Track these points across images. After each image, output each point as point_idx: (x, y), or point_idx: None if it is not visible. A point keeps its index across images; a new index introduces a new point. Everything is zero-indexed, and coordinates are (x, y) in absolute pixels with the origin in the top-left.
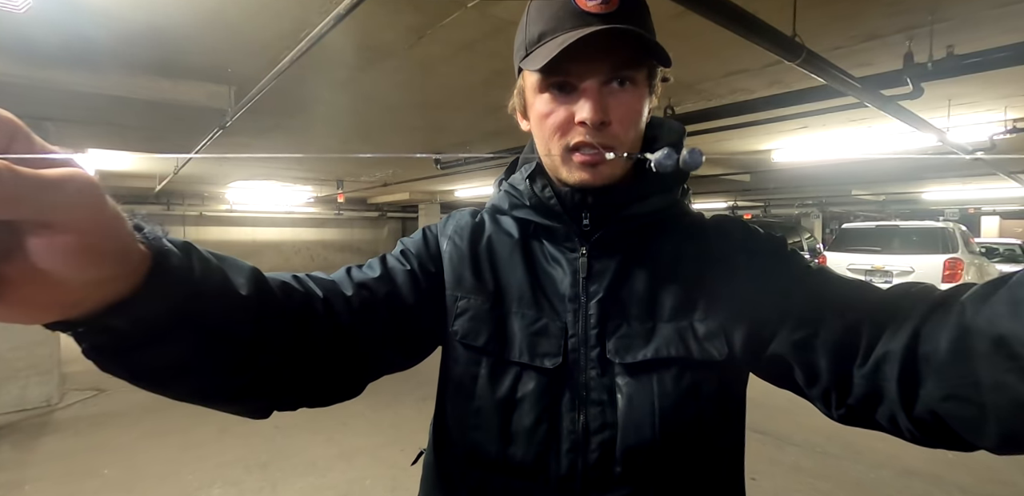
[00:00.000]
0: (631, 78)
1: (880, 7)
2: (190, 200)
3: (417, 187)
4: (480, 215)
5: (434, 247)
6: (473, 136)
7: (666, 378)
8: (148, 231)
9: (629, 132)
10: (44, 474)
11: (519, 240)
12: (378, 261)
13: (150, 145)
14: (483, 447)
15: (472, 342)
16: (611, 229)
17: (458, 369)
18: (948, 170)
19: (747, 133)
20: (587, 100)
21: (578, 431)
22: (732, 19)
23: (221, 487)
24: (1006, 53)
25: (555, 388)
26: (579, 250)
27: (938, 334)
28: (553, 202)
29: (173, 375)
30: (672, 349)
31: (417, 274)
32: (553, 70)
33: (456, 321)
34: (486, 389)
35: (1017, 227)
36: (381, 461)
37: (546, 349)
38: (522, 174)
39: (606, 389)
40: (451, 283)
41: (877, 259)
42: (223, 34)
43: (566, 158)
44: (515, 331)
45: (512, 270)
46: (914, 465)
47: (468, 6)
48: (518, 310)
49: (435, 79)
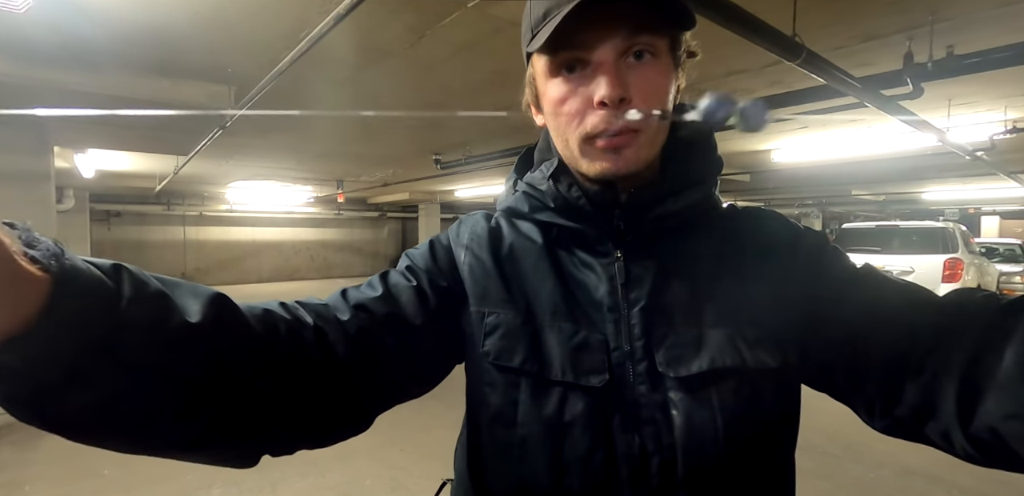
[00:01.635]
0: (651, 49)
1: (880, 7)
2: (190, 200)
3: (417, 187)
4: (496, 219)
5: (446, 259)
6: (473, 136)
7: (724, 391)
8: (42, 248)
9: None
10: (44, 474)
11: (544, 246)
12: (379, 278)
13: (150, 145)
14: (533, 480)
15: (507, 363)
16: (645, 229)
17: (494, 394)
18: (948, 170)
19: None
20: (603, 75)
21: (635, 454)
22: (732, 19)
23: (221, 487)
24: (1006, 53)
25: (605, 409)
26: (613, 254)
27: (1003, 348)
28: (583, 202)
29: (99, 424)
30: (727, 358)
31: (425, 290)
32: (561, 44)
33: (487, 340)
34: (530, 415)
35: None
36: (381, 461)
37: (590, 365)
38: (543, 173)
39: (659, 406)
40: (476, 298)
41: (877, 259)
42: (223, 34)
43: (585, 148)
44: (553, 347)
45: (541, 279)
46: (914, 465)
47: (468, 6)
48: (553, 323)
49: (435, 79)
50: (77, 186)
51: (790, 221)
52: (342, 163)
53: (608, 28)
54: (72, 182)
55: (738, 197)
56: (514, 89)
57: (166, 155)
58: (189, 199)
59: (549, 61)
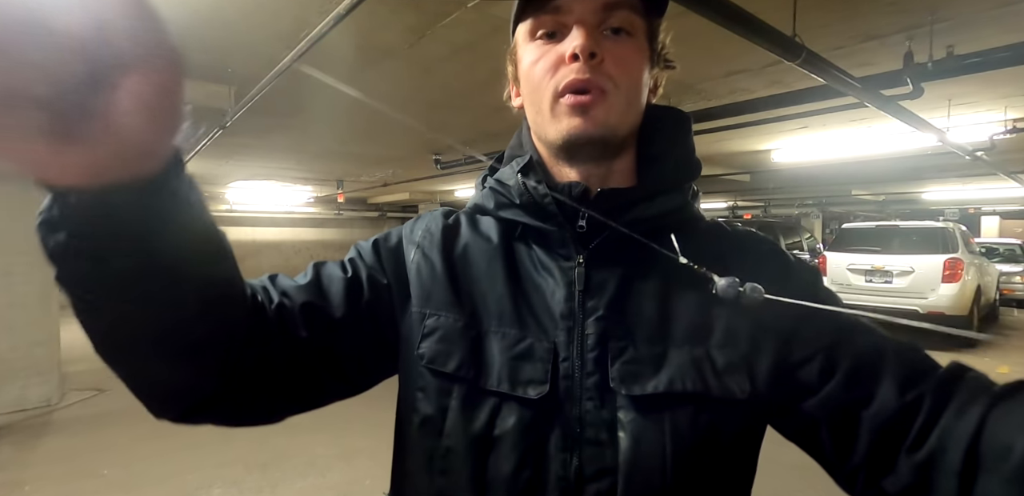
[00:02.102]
0: (628, 28)
1: (880, 7)
2: None
3: (417, 187)
4: (455, 216)
5: (392, 257)
6: (473, 136)
7: (680, 417)
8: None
9: (627, 79)
10: (44, 474)
11: (501, 245)
12: (312, 266)
13: None
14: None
15: (441, 367)
16: (613, 234)
17: (424, 400)
18: (948, 170)
19: (747, 133)
20: (577, 30)
21: (569, 478)
22: (732, 19)
23: (221, 487)
24: (1006, 53)
25: (541, 424)
26: (575, 258)
27: (1010, 432)
28: (548, 200)
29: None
30: (688, 382)
31: (360, 284)
32: (542, 9)
33: (423, 343)
34: (457, 425)
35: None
36: (381, 461)
37: (530, 375)
38: (513, 168)
39: (605, 425)
40: (419, 299)
41: (877, 259)
42: (223, 34)
43: (555, 108)
44: (494, 354)
45: (492, 282)
46: None
47: (468, 6)
48: (498, 329)
49: (435, 79)
50: None
51: (781, 249)
52: (342, 163)
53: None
54: None
55: (738, 197)
56: None
57: None
58: None
59: (530, 25)
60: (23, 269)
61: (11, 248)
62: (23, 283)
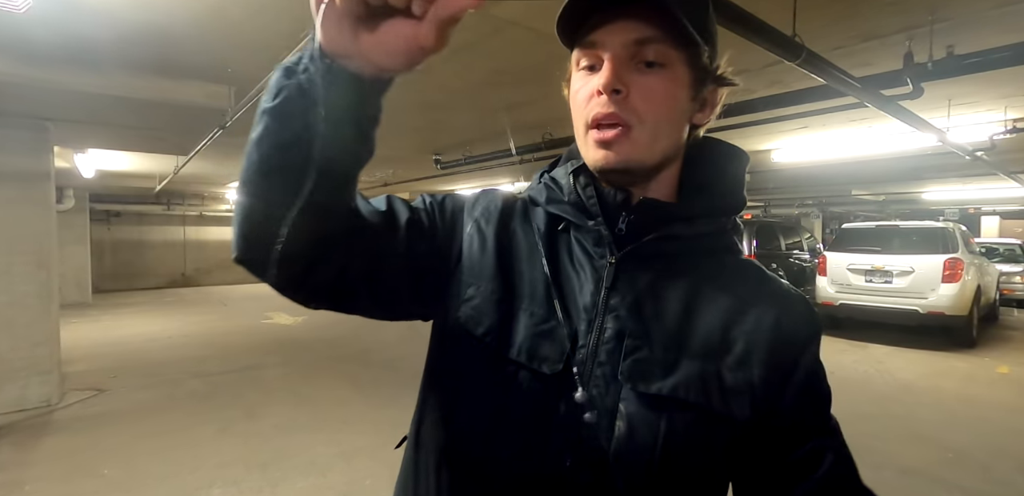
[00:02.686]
0: (661, 59)
1: (880, 7)
2: (190, 200)
3: (417, 187)
4: (513, 202)
5: (451, 220)
6: (473, 136)
7: (678, 420)
8: None
9: (654, 114)
10: (44, 474)
11: (546, 235)
12: (385, 198)
13: (150, 145)
14: (462, 444)
15: (472, 330)
16: (648, 244)
17: (453, 355)
18: (948, 170)
19: (747, 133)
20: (606, 65)
21: (567, 449)
22: (732, 19)
23: (221, 487)
24: (1006, 53)
25: (550, 397)
26: (608, 257)
27: None
28: (592, 201)
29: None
30: (692, 393)
31: (421, 228)
32: (581, 42)
33: (462, 307)
34: (477, 382)
35: (1017, 227)
36: (381, 461)
37: (547, 353)
38: (567, 168)
39: (607, 412)
40: (467, 268)
41: (877, 259)
42: (223, 34)
43: (586, 138)
44: (520, 328)
45: (531, 265)
46: (914, 465)
47: None
48: (528, 307)
49: (435, 79)
50: (77, 186)
51: (811, 309)
52: None
53: (619, 33)
54: (72, 182)
55: None
56: (514, 89)
57: (166, 155)
58: (189, 199)
59: (575, 56)
60: (23, 269)
61: (11, 248)
62: (23, 283)
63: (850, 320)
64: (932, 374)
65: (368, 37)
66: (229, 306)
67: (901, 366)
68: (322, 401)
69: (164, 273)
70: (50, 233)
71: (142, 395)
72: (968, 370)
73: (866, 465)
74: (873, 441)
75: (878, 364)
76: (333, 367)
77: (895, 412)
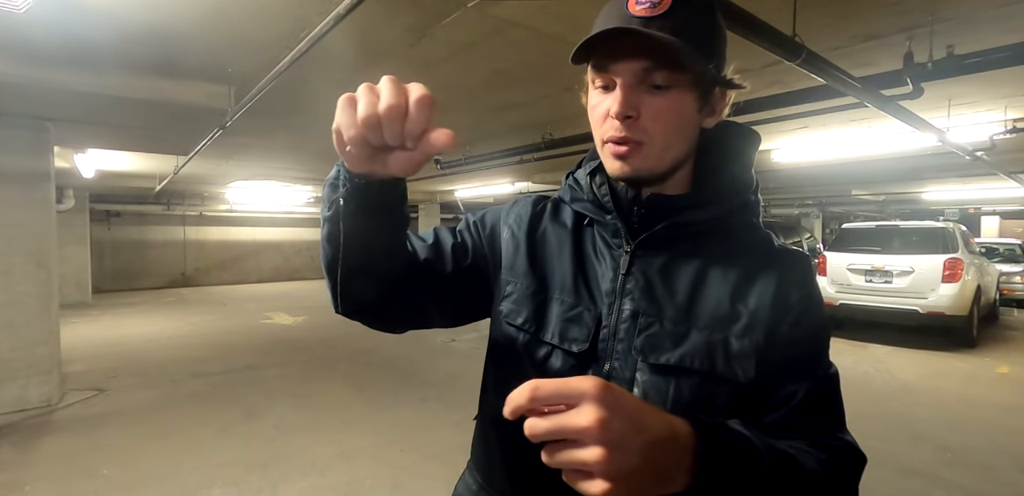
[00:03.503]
0: (670, 82)
1: (880, 7)
2: (190, 200)
3: (417, 187)
4: (543, 204)
5: (491, 233)
6: (473, 136)
7: (683, 385)
8: None
9: (663, 131)
10: (44, 474)
11: (572, 232)
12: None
13: (150, 145)
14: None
15: (512, 321)
16: (659, 231)
17: (501, 342)
18: (948, 170)
19: None
20: (617, 94)
21: None
22: (732, 19)
23: (221, 487)
24: (1006, 53)
25: (579, 371)
26: (624, 247)
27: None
28: (607, 199)
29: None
30: (697, 361)
31: (467, 250)
32: (599, 67)
33: (504, 302)
34: (520, 360)
35: (1017, 227)
36: (381, 461)
37: (575, 335)
38: (585, 170)
39: (626, 382)
40: (505, 269)
41: (877, 259)
42: (223, 34)
43: (604, 150)
44: (553, 315)
45: (560, 260)
46: (914, 465)
47: (468, 6)
48: (559, 297)
49: (435, 79)
50: (77, 186)
51: (815, 280)
52: None
53: (629, 62)
54: (72, 182)
55: None
56: (514, 89)
57: (166, 155)
58: (189, 199)
59: (591, 74)
60: (23, 269)
61: (11, 248)
62: (23, 283)
63: (850, 320)
64: (932, 374)
65: (378, 164)
66: (229, 306)
67: (901, 366)
68: (322, 401)
69: (164, 273)
70: (50, 233)
71: (142, 395)
72: (968, 370)
73: (866, 465)
74: (873, 441)
75: (878, 364)
76: (333, 367)
77: (895, 412)
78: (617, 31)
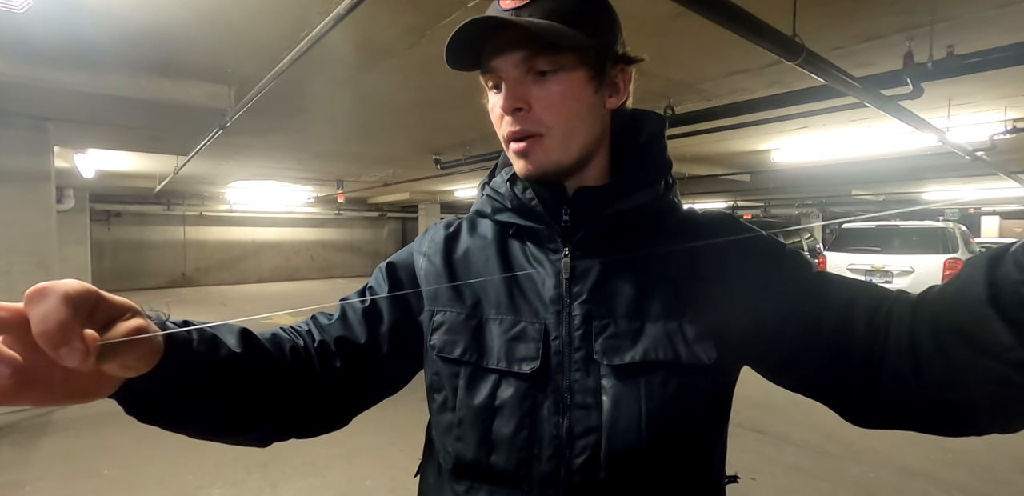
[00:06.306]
0: (554, 66)
1: (880, 7)
2: (190, 200)
3: (417, 187)
4: (456, 224)
5: (406, 271)
6: (473, 136)
7: (653, 382)
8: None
9: (561, 117)
10: (44, 474)
11: (497, 244)
12: (339, 305)
13: (150, 145)
14: (466, 457)
15: (449, 354)
16: (593, 228)
17: (439, 382)
18: (948, 170)
19: (747, 133)
20: (504, 87)
21: (561, 436)
22: (732, 19)
23: (221, 487)
24: (1006, 53)
25: (535, 393)
26: (562, 251)
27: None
28: (534, 203)
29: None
30: (660, 352)
31: (379, 310)
32: (483, 69)
33: (433, 335)
34: (465, 399)
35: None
36: (381, 461)
37: (523, 353)
38: (502, 177)
39: (591, 392)
40: (429, 300)
41: (877, 259)
42: (223, 34)
43: (508, 149)
44: (493, 338)
45: (489, 276)
46: (914, 465)
47: (468, 6)
48: (496, 316)
49: (435, 79)
50: (77, 186)
51: (748, 226)
52: (342, 163)
53: (507, 54)
54: (72, 182)
55: (738, 197)
56: None
57: (166, 155)
58: (189, 199)
59: (484, 80)
60: (23, 269)
61: (11, 248)
62: (23, 283)
63: None
64: None
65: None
66: (229, 306)
67: None
68: None
69: (164, 273)
70: (50, 233)
71: None
72: None
73: (866, 465)
74: (873, 441)
75: None
76: None
77: None
78: (478, 22)
